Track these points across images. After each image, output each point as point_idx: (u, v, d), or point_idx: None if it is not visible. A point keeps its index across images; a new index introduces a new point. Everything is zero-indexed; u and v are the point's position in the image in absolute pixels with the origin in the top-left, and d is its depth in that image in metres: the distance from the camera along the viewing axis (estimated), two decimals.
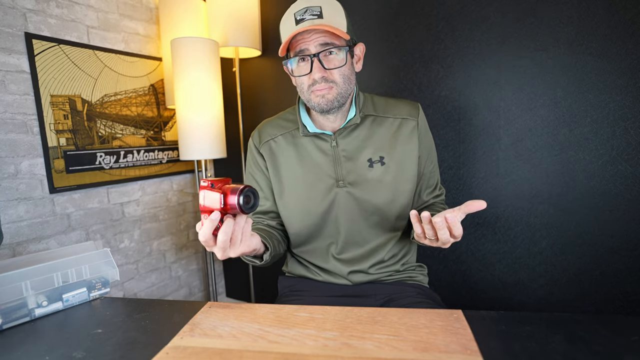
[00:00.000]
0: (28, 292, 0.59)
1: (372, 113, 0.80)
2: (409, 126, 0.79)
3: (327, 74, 0.70)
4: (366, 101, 0.81)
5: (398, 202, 0.78)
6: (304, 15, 0.68)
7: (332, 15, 0.69)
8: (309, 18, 0.68)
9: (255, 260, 0.74)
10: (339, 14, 0.70)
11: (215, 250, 0.57)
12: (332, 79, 0.71)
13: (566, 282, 1.11)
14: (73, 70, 1.28)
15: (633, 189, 0.99)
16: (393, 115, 0.79)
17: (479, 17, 1.12)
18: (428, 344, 0.47)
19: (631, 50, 0.95)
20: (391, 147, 0.78)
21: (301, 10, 0.69)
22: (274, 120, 0.86)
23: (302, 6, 0.69)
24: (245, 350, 0.47)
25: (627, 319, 0.51)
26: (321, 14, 0.68)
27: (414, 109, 0.80)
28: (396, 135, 0.78)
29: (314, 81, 0.70)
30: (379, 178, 0.77)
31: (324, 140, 0.78)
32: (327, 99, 0.71)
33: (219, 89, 1.44)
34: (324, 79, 0.70)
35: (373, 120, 0.79)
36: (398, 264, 0.83)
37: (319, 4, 0.69)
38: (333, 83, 0.71)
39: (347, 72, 0.72)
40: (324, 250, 0.82)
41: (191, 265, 1.82)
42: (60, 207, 1.27)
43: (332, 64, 0.70)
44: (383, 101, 0.82)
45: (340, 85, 0.71)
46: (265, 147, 0.83)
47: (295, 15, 0.69)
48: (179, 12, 1.49)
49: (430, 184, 0.85)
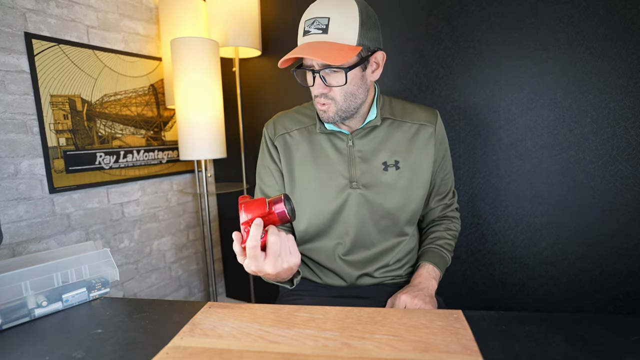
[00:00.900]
0: (28, 292, 0.58)
1: (389, 116, 0.79)
2: (426, 132, 0.78)
3: (327, 90, 0.69)
4: (385, 104, 0.81)
5: (409, 208, 0.78)
6: (310, 27, 0.66)
7: (339, 29, 0.65)
8: (313, 32, 0.66)
9: (286, 284, 0.70)
10: (349, 25, 0.65)
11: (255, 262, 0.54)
12: (332, 95, 0.70)
13: (566, 282, 1.11)
14: (73, 70, 1.28)
15: (633, 189, 0.99)
16: (411, 121, 0.79)
17: (479, 17, 1.12)
18: (428, 344, 0.47)
19: (631, 50, 0.95)
20: (407, 152, 0.77)
21: (310, 21, 0.66)
22: (291, 113, 0.85)
23: (312, 15, 0.67)
24: (245, 350, 0.47)
25: (627, 319, 0.51)
26: (327, 27, 0.65)
27: (432, 115, 0.80)
28: (413, 141, 0.78)
29: (315, 95, 0.71)
30: (392, 182, 0.77)
31: (340, 139, 0.78)
32: (328, 115, 0.72)
33: (219, 89, 1.44)
34: (324, 96, 0.70)
35: (391, 124, 0.79)
36: (402, 269, 0.83)
37: (328, 14, 0.65)
38: (332, 100, 0.70)
39: (351, 89, 0.70)
40: (330, 250, 0.81)
41: (191, 266, 1.81)
42: (60, 207, 1.27)
43: (334, 82, 0.69)
44: (401, 105, 0.82)
45: (340, 104, 0.70)
46: (279, 140, 0.82)
47: (305, 24, 0.68)
48: (179, 12, 1.49)
49: (441, 191, 0.85)
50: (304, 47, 0.65)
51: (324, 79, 0.68)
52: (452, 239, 0.85)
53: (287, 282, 0.69)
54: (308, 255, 0.85)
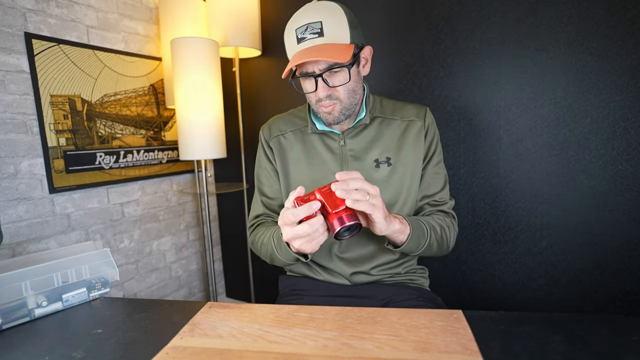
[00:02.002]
0: (28, 292, 0.58)
1: (380, 115, 0.81)
2: (415, 127, 0.80)
3: (331, 91, 0.71)
4: (375, 103, 0.82)
5: (403, 203, 0.78)
6: (304, 33, 0.67)
7: (333, 30, 0.67)
8: (309, 37, 0.67)
9: (301, 257, 0.72)
10: (340, 26, 0.68)
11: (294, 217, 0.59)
12: (336, 95, 0.71)
13: (566, 282, 1.11)
14: (73, 70, 1.28)
15: (633, 189, 0.99)
16: (400, 118, 0.81)
17: (479, 17, 1.12)
18: (428, 344, 0.47)
19: (631, 50, 0.95)
20: (398, 149, 0.79)
21: (302, 28, 0.68)
22: (286, 116, 0.88)
23: (302, 22, 0.68)
24: (245, 350, 0.47)
25: (627, 319, 0.51)
26: (322, 30, 0.67)
27: (421, 110, 0.81)
28: (403, 137, 0.79)
29: (319, 99, 0.72)
30: (385, 178, 0.77)
31: (332, 139, 0.80)
32: (334, 115, 0.73)
33: (219, 89, 1.44)
34: (328, 97, 0.71)
35: (381, 122, 0.80)
36: (400, 267, 0.83)
37: (318, 19, 0.67)
38: (337, 100, 0.72)
39: (352, 86, 0.73)
40: (326, 248, 0.82)
41: (191, 265, 1.82)
42: (60, 207, 1.27)
43: (337, 81, 0.71)
44: (391, 104, 0.84)
45: (345, 101, 0.72)
46: (274, 142, 0.84)
47: (297, 32, 0.68)
48: (178, 12, 1.49)
49: (432, 190, 0.81)
50: (306, 52, 0.66)
51: (326, 82, 0.70)
52: (438, 226, 0.77)
53: (302, 255, 0.71)
54: None
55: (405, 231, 0.69)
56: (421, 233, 0.72)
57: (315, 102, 0.74)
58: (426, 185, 0.81)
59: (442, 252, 0.79)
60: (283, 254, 0.72)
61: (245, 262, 1.80)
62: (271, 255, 0.77)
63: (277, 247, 0.72)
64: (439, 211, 0.81)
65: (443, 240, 0.77)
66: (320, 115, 0.75)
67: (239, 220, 1.83)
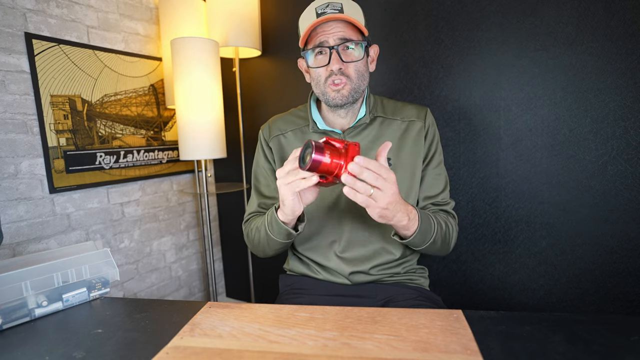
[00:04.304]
0: (28, 292, 0.59)
1: (381, 115, 0.81)
2: (415, 128, 0.80)
3: (344, 67, 0.72)
4: (376, 103, 0.83)
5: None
6: (325, 9, 0.71)
7: (352, 12, 0.72)
8: (330, 12, 0.70)
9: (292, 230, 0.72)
10: (358, 12, 0.73)
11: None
12: (347, 73, 0.72)
13: (566, 282, 1.11)
14: (73, 70, 1.28)
15: (633, 189, 0.99)
16: (401, 118, 0.81)
17: (479, 17, 1.12)
18: (428, 344, 0.47)
19: (631, 50, 0.95)
20: (398, 149, 0.79)
21: (323, 5, 0.71)
22: (285, 116, 0.88)
23: (324, 1, 0.71)
24: (245, 350, 0.47)
25: (627, 319, 0.51)
26: (342, 9, 0.71)
27: (422, 111, 0.82)
28: (403, 137, 0.79)
29: (331, 72, 0.72)
30: None
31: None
32: (342, 94, 0.73)
33: (219, 89, 1.44)
34: (340, 72, 0.72)
35: (382, 122, 0.81)
36: (399, 267, 0.83)
37: (340, 0, 0.71)
38: (348, 78, 0.72)
39: (362, 69, 0.74)
40: (326, 248, 0.82)
41: (191, 265, 1.82)
42: (60, 207, 1.27)
43: (350, 58, 0.72)
44: (392, 104, 0.84)
45: (354, 81, 0.73)
46: (274, 141, 0.84)
47: (317, 9, 0.72)
48: (179, 12, 1.49)
49: (431, 193, 0.81)
50: (326, 19, 0.69)
51: (340, 56, 0.71)
52: (443, 223, 0.76)
53: (292, 228, 0.71)
54: (306, 254, 0.86)
55: (412, 228, 0.67)
56: (429, 228, 0.70)
57: (324, 79, 0.73)
58: (427, 187, 0.82)
59: (444, 251, 0.79)
60: (274, 230, 0.72)
61: (245, 262, 1.80)
62: (265, 238, 0.75)
63: (269, 226, 0.72)
64: (441, 211, 0.82)
65: (446, 238, 0.77)
66: (327, 96, 0.74)
67: (239, 220, 1.83)
